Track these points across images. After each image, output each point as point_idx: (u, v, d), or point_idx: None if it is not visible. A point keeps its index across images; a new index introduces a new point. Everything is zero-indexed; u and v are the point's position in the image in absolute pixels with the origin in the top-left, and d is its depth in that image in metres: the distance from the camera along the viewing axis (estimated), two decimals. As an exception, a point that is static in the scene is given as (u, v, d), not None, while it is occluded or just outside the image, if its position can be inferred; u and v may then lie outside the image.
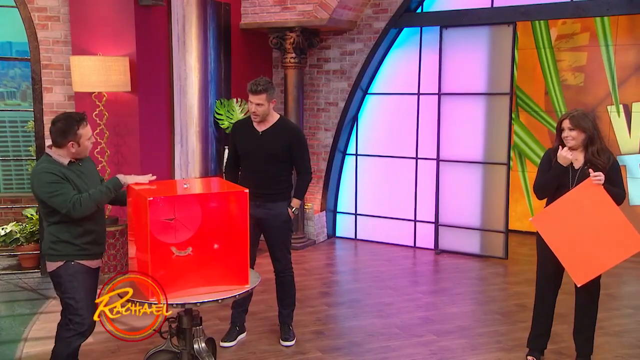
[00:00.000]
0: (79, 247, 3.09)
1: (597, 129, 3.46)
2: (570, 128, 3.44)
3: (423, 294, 5.07)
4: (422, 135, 6.37)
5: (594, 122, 3.46)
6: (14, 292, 5.08)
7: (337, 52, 6.58)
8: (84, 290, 3.09)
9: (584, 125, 3.40)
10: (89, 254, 3.13)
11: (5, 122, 7.22)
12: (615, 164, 3.45)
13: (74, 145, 3.04)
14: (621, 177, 3.46)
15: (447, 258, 6.13)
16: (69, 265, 3.09)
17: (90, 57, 4.96)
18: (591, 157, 3.41)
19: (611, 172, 3.39)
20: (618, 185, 3.42)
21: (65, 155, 3.07)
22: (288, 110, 6.36)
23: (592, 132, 3.41)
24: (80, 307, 3.08)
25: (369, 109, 6.69)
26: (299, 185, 3.88)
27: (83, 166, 3.15)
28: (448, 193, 6.25)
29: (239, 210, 2.98)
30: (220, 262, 2.97)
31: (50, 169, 3.02)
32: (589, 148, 3.43)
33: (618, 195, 3.39)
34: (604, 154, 3.42)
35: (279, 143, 3.74)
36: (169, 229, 2.85)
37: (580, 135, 3.42)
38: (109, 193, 3.06)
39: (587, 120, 3.42)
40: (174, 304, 2.80)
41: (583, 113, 3.46)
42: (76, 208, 2.97)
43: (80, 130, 3.04)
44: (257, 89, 3.66)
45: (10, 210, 6.39)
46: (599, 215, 3.31)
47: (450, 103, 6.16)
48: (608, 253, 3.32)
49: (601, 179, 3.29)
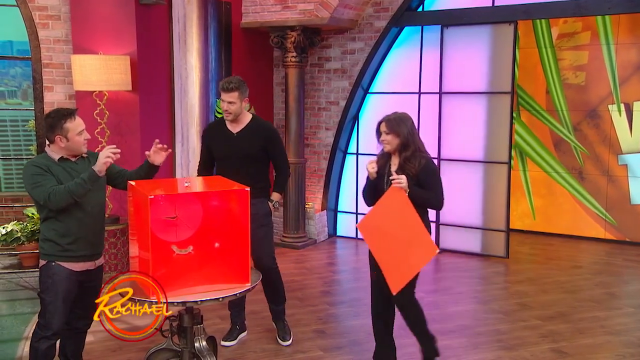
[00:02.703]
0: (62, 247, 3.04)
1: (414, 134, 3.32)
2: (386, 132, 3.32)
3: (424, 293, 5.01)
4: (423, 134, 6.13)
5: (412, 127, 3.33)
6: (15, 291, 5.08)
7: (338, 51, 6.58)
8: (55, 293, 3.04)
9: (398, 130, 3.28)
10: (72, 256, 3.06)
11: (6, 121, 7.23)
12: (428, 167, 3.30)
13: (63, 140, 3.01)
14: (436, 181, 3.31)
15: (448, 257, 6.12)
16: (50, 265, 3.06)
17: (91, 56, 4.96)
18: (402, 163, 3.30)
19: (422, 176, 3.26)
20: (432, 189, 3.28)
21: (57, 151, 3.04)
22: (289, 110, 6.36)
23: (407, 137, 3.28)
24: (48, 310, 3.05)
25: (370, 108, 6.68)
26: (279, 180, 3.90)
27: (80, 164, 3.10)
28: (449, 192, 6.07)
29: (240, 209, 2.96)
30: (221, 260, 2.96)
31: (37, 162, 3.02)
32: (402, 153, 3.31)
33: (429, 200, 3.28)
34: (415, 158, 3.28)
35: (255, 143, 3.75)
36: (170, 227, 2.83)
37: (395, 140, 3.30)
38: (84, 184, 2.97)
39: (403, 125, 3.30)
40: (175, 302, 2.79)
41: (400, 117, 3.33)
42: (51, 199, 2.93)
43: (68, 124, 3.00)
44: (229, 86, 3.66)
45: (12, 209, 6.39)
46: (402, 221, 3.20)
47: (451, 102, 6.15)
48: (410, 260, 3.19)
49: (401, 181, 3.16)
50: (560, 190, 6.92)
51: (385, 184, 3.34)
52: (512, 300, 4.88)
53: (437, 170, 3.40)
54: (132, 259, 3.10)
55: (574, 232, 6.80)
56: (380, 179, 3.39)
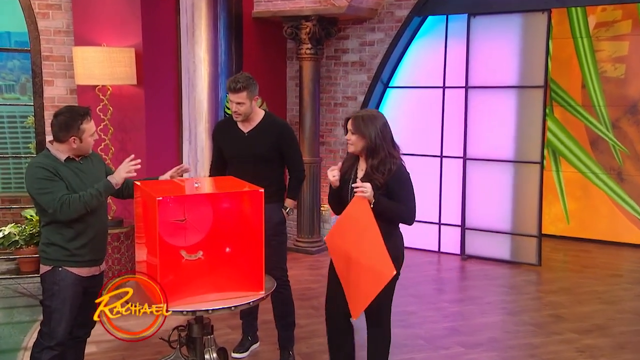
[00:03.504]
0: (70, 252, 3.07)
1: (385, 137, 3.07)
2: (351, 131, 3.10)
3: (449, 302, 5.05)
4: (448, 132, 6.35)
5: (383, 128, 3.06)
6: (12, 298, 5.13)
7: (356, 42, 6.57)
8: (62, 300, 3.07)
9: (364, 131, 3.05)
10: (80, 261, 3.09)
11: (4, 117, 7.29)
12: (398, 175, 3.07)
13: (76, 141, 3.04)
14: (408, 191, 3.10)
15: (474, 264, 6.09)
16: (56, 271, 3.08)
17: (94, 48, 5.00)
18: (369, 171, 3.08)
19: (391, 184, 3.05)
20: (402, 201, 3.07)
21: (64, 150, 3.07)
22: (303, 105, 6.36)
23: (374, 140, 3.03)
24: (53, 318, 3.07)
25: (390, 103, 6.66)
26: (292, 184, 3.86)
27: (84, 164, 3.14)
28: (476, 194, 6.22)
29: (253, 211, 2.96)
30: (233, 266, 2.96)
31: (44, 163, 3.02)
32: (369, 159, 3.08)
33: (398, 213, 3.07)
34: (384, 165, 3.05)
35: (267, 142, 3.72)
36: (179, 231, 2.84)
37: (360, 142, 3.08)
38: (99, 197, 3.02)
39: (371, 125, 3.05)
40: (184, 311, 2.80)
41: (370, 116, 3.09)
42: (63, 209, 2.96)
43: (84, 125, 3.04)
44: (236, 86, 3.59)
45: (9, 211, 6.45)
46: (363, 236, 2.99)
47: (478, 97, 6.12)
48: (369, 282, 2.97)
49: (365, 190, 2.96)
50: (596, 193, 6.85)
51: (350, 192, 3.13)
52: (545, 311, 4.84)
53: (409, 178, 3.15)
54: (139, 263, 3.12)
55: (611, 238, 6.73)
56: (345, 186, 3.19)
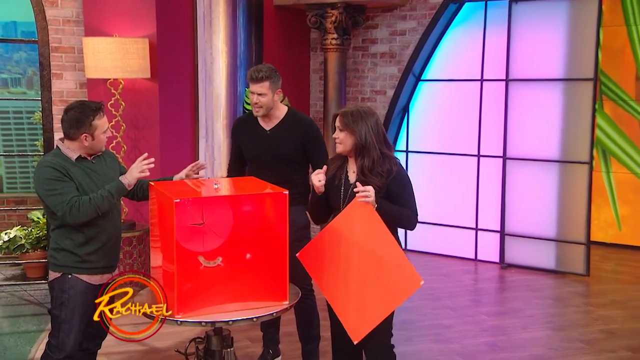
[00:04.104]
0: (80, 258, 3.09)
1: (378, 135, 3.01)
2: (339, 128, 3.05)
3: (488, 315, 5.01)
4: (486, 129, 6.31)
5: (375, 126, 3.01)
6: (18, 305, 5.20)
7: (385, 32, 6.55)
8: (72, 310, 3.09)
9: (353, 128, 2.99)
10: (92, 268, 3.12)
11: (9, 113, 7.40)
12: (400, 176, 3.03)
13: (88, 138, 3.07)
14: (410, 194, 3.06)
15: (515, 274, 6.04)
16: (65, 278, 3.10)
17: (105, 38, 5.05)
18: (360, 174, 3.02)
19: (392, 186, 3.00)
20: (405, 204, 3.03)
21: (76, 149, 3.10)
22: (328, 100, 6.36)
23: (365, 138, 2.98)
24: (62, 329, 3.09)
25: (423, 98, 6.64)
26: None
27: (97, 163, 3.17)
28: (517, 197, 6.17)
29: (277, 215, 2.96)
30: (254, 274, 2.97)
31: (54, 163, 3.05)
32: (359, 160, 3.03)
33: (404, 218, 3.03)
34: (382, 165, 2.99)
35: (291, 141, 3.73)
36: (197, 235, 2.86)
37: (349, 139, 3.02)
38: (110, 198, 3.03)
39: (362, 122, 2.99)
40: (202, 322, 2.81)
41: (361, 111, 3.03)
42: (73, 212, 2.98)
43: (96, 121, 3.06)
44: (258, 75, 3.62)
45: (15, 212, 6.54)
46: (372, 246, 2.92)
47: (520, 91, 6.08)
48: (382, 297, 2.89)
49: (368, 195, 2.89)
50: (651, 196, 6.75)
51: (342, 198, 3.07)
52: (595, 326, 4.79)
53: (409, 179, 3.10)
54: (154, 269, 3.14)
55: (668, 246, 6.63)
56: (333, 191, 3.12)
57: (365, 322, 2.93)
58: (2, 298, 5.37)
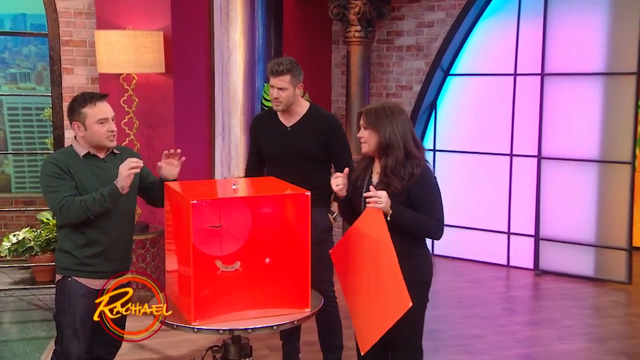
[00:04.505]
0: (79, 260, 3.10)
1: (405, 134, 2.96)
2: (363, 126, 3.01)
3: (521, 325, 4.99)
4: (520, 127, 6.28)
5: (402, 124, 2.96)
6: (27, 311, 5.26)
7: (412, 23, 6.54)
8: (72, 315, 3.10)
9: (377, 126, 2.95)
10: (91, 271, 3.10)
11: (18, 110, 7.48)
12: (424, 179, 2.95)
13: (80, 128, 3.07)
14: (435, 199, 2.98)
15: (551, 281, 6.01)
16: (65, 282, 3.12)
17: (118, 31, 5.09)
18: (383, 176, 2.97)
19: (414, 191, 2.93)
20: (427, 210, 2.95)
21: (84, 144, 3.12)
22: (351, 96, 6.36)
23: (390, 137, 2.93)
24: (65, 335, 3.11)
25: (452, 93, 6.63)
26: None
27: (108, 162, 3.16)
28: (553, 199, 6.14)
29: (298, 217, 2.97)
30: (275, 280, 2.98)
31: (57, 159, 3.08)
32: (383, 159, 2.97)
33: (425, 227, 2.95)
34: (404, 168, 2.93)
35: (313, 138, 3.74)
36: (214, 238, 2.87)
37: (373, 138, 2.99)
38: (102, 202, 2.99)
39: (387, 120, 2.95)
40: (220, 329, 2.82)
41: (386, 108, 2.98)
42: (62, 212, 3.00)
43: (87, 109, 3.04)
44: (279, 68, 3.65)
45: (23, 213, 6.62)
46: (376, 257, 2.89)
47: (556, 86, 6.05)
48: (381, 312, 2.88)
49: (379, 201, 2.84)
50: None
51: (363, 201, 3.03)
52: (639, 339, 4.75)
53: (436, 183, 3.04)
54: (170, 274, 3.16)
55: None
56: (356, 193, 3.11)
57: (370, 335, 2.95)
58: (11, 303, 5.43)
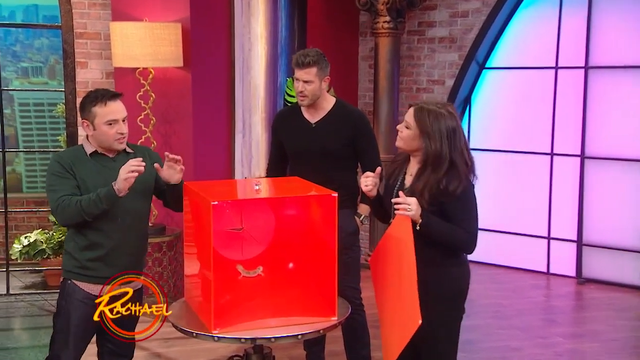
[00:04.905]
0: (80, 263, 3.10)
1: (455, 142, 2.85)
2: (408, 125, 2.92)
3: (563, 337, 4.94)
4: (561, 124, 6.23)
5: (453, 131, 2.84)
6: (39, 316, 5.30)
7: (445, 13, 6.51)
8: (66, 319, 3.09)
9: (428, 131, 2.84)
10: (91, 276, 3.08)
11: (30, 105, 7.55)
12: (461, 200, 2.87)
13: (89, 127, 3.09)
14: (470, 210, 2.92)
15: (595, 290, 5.95)
16: (65, 284, 3.13)
17: (134, 23, 5.12)
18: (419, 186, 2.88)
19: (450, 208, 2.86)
20: (461, 221, 2.88)
21: (93, 142, 3.13)
22: (379, 91, 6.34)
23: (440, 149, 2.82)
24: (56, 339, 3.11)
25: (487, 88, 6.61)
26: None
27: (118, 161, 3.13)
28: (597, 201, 6.09)
29: (324, 220, 2.96)
30: (299, 286, 2.97)
31: (62, 157, 3.12)
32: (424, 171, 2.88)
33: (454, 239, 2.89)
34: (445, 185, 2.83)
35: (340, 135, 3.74)
36: (235, 241, 2.87)
37: (415, 142, 2.90)
38: (98, 203, 2.98)
39: (437, 122, 2.83)
40: (242, 338, 2.82)
41: (440, 111, 2.86)
42: (58, 212, 3.02)
43: (96, 107, 3.05)
44: (305, 60, 3.64)
45: (35, 214, 6.68)
46: (399, 267, 2.87)
47: (602, 79, 6.01)
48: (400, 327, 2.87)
49: (408, 208, 2.79)
50: None
51: (392, 205, 2.95)
52: (693, 353, 4.70)
53: (473, 193, 2.95)
54: (188, 278, 3.17)
55: None
56: (387, 192, 3.09)
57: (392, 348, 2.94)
58: (22, 308, 5.49)
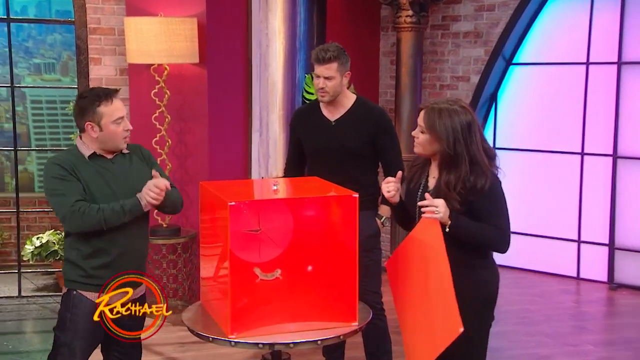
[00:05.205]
0: (85, 272, 3.07)
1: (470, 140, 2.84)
2: (421, 129, 2.91)
3: (594, 345, 4.93)
4: (592, 122, 6.22)
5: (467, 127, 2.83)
6: (50, 319, 5.36)
7: (470, 7, 6.50)
8: (73, 332, 3.07)
9: (437, 131, 2.83)
10: (99, 285, 3.02)
11: (42, 103, 7.61)
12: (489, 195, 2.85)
13: (95, 129, 3.05)
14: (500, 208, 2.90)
15: (627, 295, 5.93)
16: (70, 295, 3.10)
17: (149, 18, 5.16)
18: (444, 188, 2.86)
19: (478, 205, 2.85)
20: (491, 220, 2.86)
21: (90, 144, 3.09)
22: (401, 87, 6.34)
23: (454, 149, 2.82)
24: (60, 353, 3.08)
25: (514, 85, 6.60)
26: None
27: (116, 163, 3.14)
28: (630, 203, 6.07)
29: (345, 221, 2.97)
30: (318, 289, 2.98)
31: (61, 160, 3.07)
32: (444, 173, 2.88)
33: (486, 238, 2.87)
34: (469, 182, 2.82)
35: (360, 133, 3.75)
36: (252, 243, 2.89)
37: (431, 145, 2.90)
38: (121, 215, 3.00)
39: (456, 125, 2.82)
40: (260, 344, 2.83)
41: (451, 109, 2.85)
42: (74, 218, 2.97)
43: (102, 107, 3.03)
44: (325, 56, 3.66)
45: (47, 215, 6.73)
46: (431, 273, 2.83)
47: (635, 75, 5.99)
48: (431, 335, 2.84)
49: (436, 210, 2.77)
50: None
51: (417, 209, 2.95)
52: None
53: (503, 195, 2.95)
54: (204, 281, 3.20)
55: None
56: (409, 196, 3.08)
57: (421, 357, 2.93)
58: (33, 311, 5.54)
